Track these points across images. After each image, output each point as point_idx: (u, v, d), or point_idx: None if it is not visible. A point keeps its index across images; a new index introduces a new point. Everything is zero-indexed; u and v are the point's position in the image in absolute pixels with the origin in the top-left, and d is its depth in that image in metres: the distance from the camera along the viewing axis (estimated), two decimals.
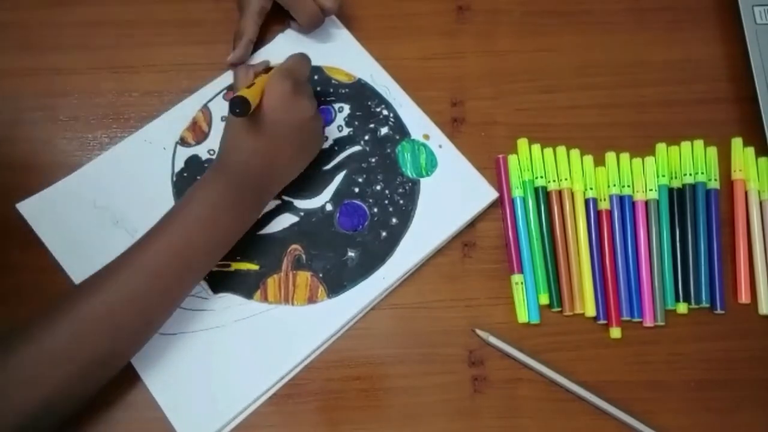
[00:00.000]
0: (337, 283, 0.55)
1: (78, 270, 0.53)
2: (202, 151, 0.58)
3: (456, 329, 0.55)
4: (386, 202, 0.57)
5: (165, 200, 0.56)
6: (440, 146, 0.59)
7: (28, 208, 0.55)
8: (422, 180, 0.58)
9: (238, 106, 0.46)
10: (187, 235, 0.48)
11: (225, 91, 0.60)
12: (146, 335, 0.49)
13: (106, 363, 0.47)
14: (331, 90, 0.60)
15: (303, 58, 0.54)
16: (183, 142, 0.58)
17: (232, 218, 0.50)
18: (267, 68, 0.57)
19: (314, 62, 0.61)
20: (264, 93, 0.49)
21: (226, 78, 0.60)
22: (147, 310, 0.47)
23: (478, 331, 0.54)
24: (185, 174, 0.57)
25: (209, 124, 0.59)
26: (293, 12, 0.59)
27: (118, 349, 0.47)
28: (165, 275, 0.47)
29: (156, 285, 0.47)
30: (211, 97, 0.59)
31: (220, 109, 0.59)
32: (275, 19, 0.61)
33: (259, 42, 0.60)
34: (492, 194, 0.57)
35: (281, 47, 0.61)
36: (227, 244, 0.51)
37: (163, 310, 0.49)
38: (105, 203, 0.56)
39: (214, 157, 0.57)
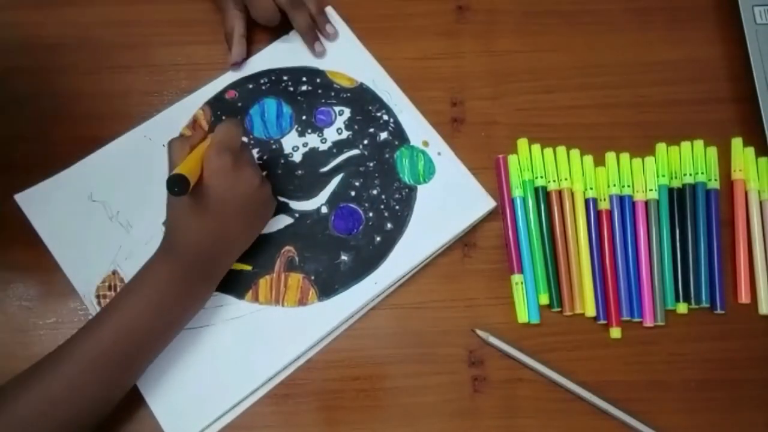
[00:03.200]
0: (328, 286, 0.54)
1: (69, 262, 0.54)
2: None
3: (456, 329, 0.55)
4: (382, 207, 0.57)
5: (162, 197, 0.55)
6: (439, 153, 0.58)
7: (25, 199, 0.55)
8: (419, 186, 0.57)
9: (177, 185, 0.43)
10: (134, 322, 0.46)
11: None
12: (92, 422, 0.47)
13: None
14: (332, 94, 0.60)
15: (232, 124, 0.49)
16: None
17: (182, 301, 0.49)
18: (203, 137, 0.51)
19: (316, 66, 0.61)
20: (203, 170, 0.46)
21: (227, 77, 0.60)
22: (92, 400, 0.46)
23: (478, 331, 0.54)
24: None
25: (209, 123, 0.59)
26: (249, 6, 0.58)
27: None
28: (110, 363, 0.45)
29: (100, 373, 0.45)
30: (212, 95, 0.59)
31: (221, 107, 0.59)
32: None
33: (255, 44, 0.61)
34: (489, 204, 0.57)
35: (280, 53, 0.61)
36: (179, 326, 0.50)
37: (111, 397, 0.47)
38: (101, 197, 0.56)
39: None
